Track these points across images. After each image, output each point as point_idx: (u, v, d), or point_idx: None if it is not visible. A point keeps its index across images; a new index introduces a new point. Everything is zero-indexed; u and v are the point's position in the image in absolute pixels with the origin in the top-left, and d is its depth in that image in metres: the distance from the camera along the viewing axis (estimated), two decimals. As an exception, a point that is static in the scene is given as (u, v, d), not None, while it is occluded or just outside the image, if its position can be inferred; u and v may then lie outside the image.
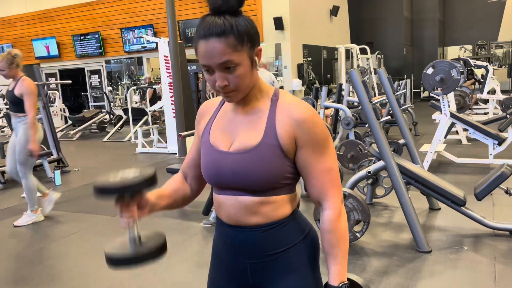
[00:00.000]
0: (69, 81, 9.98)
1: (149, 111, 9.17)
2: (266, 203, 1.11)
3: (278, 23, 10.88)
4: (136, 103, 11.74)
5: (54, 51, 14.33)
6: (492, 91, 10.01)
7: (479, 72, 12.44)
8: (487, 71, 9.78)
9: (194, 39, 1.08)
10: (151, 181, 1.06)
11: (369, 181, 4.22)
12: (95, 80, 14.50)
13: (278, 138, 1.09)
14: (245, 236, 1.14)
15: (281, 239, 1.14)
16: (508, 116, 6.44)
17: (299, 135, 1.09)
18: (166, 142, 8.15)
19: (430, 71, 5.07)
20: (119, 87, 14.11)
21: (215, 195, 1.20)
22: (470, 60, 10.46)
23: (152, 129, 8.66)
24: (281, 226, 1.14)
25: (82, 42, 13.87)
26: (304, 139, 1.09)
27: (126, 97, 10.88)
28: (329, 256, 1.13)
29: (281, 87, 10.77)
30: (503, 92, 10.49)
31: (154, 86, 10.07)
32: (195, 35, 1.08)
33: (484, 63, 10.34)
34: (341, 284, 1.11)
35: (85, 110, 12.58)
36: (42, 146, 6.75)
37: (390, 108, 6.57)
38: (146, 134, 9.24)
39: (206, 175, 1.18)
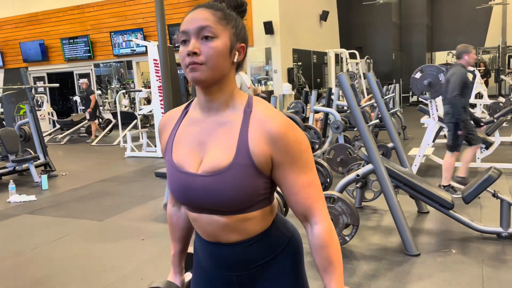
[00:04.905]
0: (57, 85, 9.90)
1: (138, 115, 9.12)
2: (244, 220, 1.04)
3: (268, 28, 10.91)
4: (125, 107, 11.67)
5: (42, 54, 14.18)
6: (480, 96, 10.14)
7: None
8: (474, 76, 9.90)
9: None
10: None
11: (358, 185, 4.23)
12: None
13: (252, 156, 0.99)
14: (227, 252, 1.08)
15: (265, 250, 1.09)
16: (495, 120, 6.52)
17: (275, 153, 1.00)
18: (155, 146, 8.10)
19: (418, 75, 5.11)
20: (109, 91, 14.01)
21: (188, 212, 1.13)
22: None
23: (141, 133, 8.61)
24: (264, 238, 1.08)
25: (71, 45, 13.76)
26: (281, 157, 1.00)
27: (115, 100, 10.80)
28: (325, 273, 1.06)
29: (271, 92, 10.78)
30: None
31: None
32: None
33: (471, 68, 10.47)
34: None
35: (74, 114, 12.45)
36: (29, 149, 6.68)
37: (379, 112, 6.61)
38: (135, 138, 9.18)
39: (175, 196, 1.09)
